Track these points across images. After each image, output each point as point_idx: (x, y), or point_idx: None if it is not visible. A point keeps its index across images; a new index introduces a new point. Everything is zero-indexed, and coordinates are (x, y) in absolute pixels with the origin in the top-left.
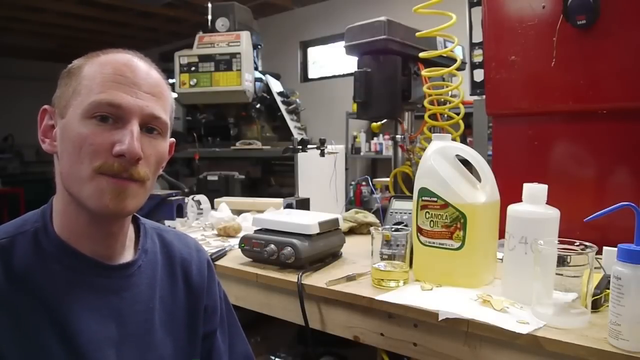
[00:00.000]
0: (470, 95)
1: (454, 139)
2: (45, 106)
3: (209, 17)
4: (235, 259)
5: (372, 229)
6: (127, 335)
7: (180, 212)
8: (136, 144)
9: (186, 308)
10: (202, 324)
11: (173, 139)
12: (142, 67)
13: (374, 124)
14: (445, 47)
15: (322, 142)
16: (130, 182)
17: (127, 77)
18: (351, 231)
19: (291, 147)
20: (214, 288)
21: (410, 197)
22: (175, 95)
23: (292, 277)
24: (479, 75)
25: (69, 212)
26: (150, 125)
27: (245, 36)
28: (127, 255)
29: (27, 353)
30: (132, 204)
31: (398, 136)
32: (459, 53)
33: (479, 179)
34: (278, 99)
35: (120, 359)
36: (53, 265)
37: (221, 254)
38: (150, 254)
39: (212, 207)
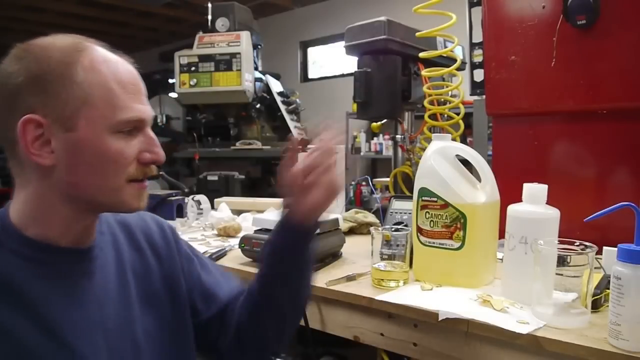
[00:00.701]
0: (470, 95)
1: (454, 139)
2: (31, 116)
3: (209, 17)
4: (235, 259)
5: (372, 229)
6: (108, 316)
7: (180, 212)
8: (162, 150)
9: (162, 278)
10: (183, 288)
11: None
12: (133, 69)
13: (374, 124)
14: (445, 47)
15: None
16: (146, 182)
17: (135, 85)
18: (351, 231)
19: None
20: (182, 246)
21: (410, 197)
22: (175, 95)
23: None
24: (479, 75)
25: (53, 214)
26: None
27: (245, 36)
28: (92, 238)
29: (8, 354)
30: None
31: (398, 136)
32: (459, 53)
33: (479, 179)
34: (278, 99)
35: (108, 341)
36: (17, 261)
37: (221, 254)
38: (107, 234)
39: (212, 207)
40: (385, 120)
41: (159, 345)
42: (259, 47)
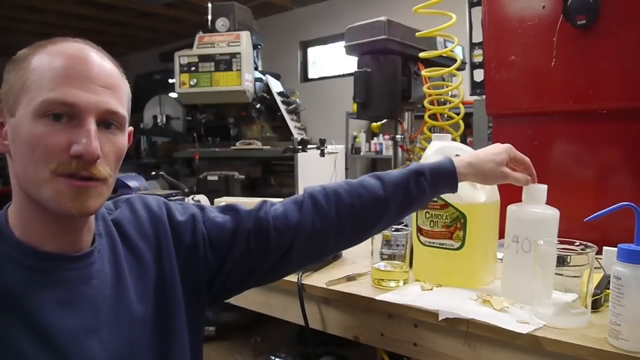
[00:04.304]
0: (470, 95)
1: (454, 139)
2: None
3: (209, 17)
4: None
5: None
6: (104, 321)
7: None
8: (94, 144)
9: (157, 271)
10: (177, 277)
11: (131, 127)
12: (95, 58)
13: (374, 124)
14: (445, 47)
15: (322, 142)
16: (91, 182)
17: (80, 70)
18: None
19: (291, 147)
20: (177, 217)
21: None
22: (175, 95)
23: (292, 277)
24: (479, 75)
25: (28, 213)
26: (107, 121)
27: (245, 36)
28: (89, 242)
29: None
30: (96, 203)
31: (398, 136)
32: (459, 53)
33: None
34: (278, 99)
35: (104, 346)
36: (14, 267)
37: None
38: (104, 235)
39: None
40: (385, 120)
41: (157, 342)
42: (259, 47)
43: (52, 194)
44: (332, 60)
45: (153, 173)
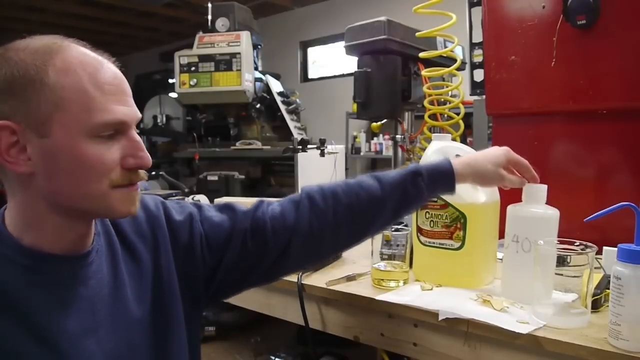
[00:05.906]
0: (470, 95)
1: (454, 139)
2: (4, 122)
3: (209, 17)
4: None
5: None
6: (102, 321)
7: None
8: (148, 154)
9: (154, 270)
10: (174, 275)
11: None
12: (114, 68)
13: (374, 124)
14: (445, 47)
15: (322, 142)
16: (136, 186)
17: (116, 85)
18: None
19: (291, 147)
20: (174, 217)
21: None
22: (175, 95)
23: (292, 277)
24: (479, 75)
25: (43, 222)
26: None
27: (245, 36)
28: (89, 242)
29: None
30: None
31: (398, 136)
32: (459, 53)
33: None
34: (278, 99)
35: (101, 346)
36: (12, 268)
37: None
38: (102, 235)
39: None
40: (385, 120)
41: (154, 342)
42: (259, 47)
43: (114, 204)
44: (332, 60)
45: (153, 173)
